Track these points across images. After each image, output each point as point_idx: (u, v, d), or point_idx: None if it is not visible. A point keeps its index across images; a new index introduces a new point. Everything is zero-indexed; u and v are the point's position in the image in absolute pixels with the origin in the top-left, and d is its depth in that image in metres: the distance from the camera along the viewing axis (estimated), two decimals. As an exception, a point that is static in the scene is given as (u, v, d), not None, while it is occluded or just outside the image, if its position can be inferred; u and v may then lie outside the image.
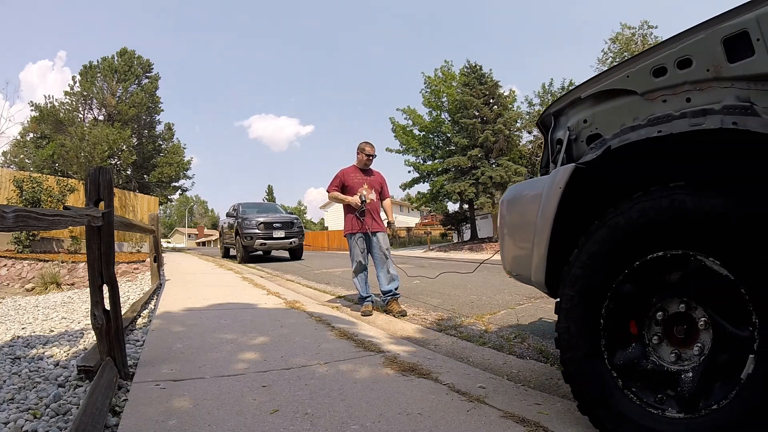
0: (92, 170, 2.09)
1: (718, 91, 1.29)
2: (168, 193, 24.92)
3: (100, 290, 1.98)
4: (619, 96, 1.55)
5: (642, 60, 1.46)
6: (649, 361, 1.29)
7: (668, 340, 1.29)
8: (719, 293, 1.19)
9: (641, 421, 1.22)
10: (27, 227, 1.27)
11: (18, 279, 7.84)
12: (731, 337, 1.15)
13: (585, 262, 1.37)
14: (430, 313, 3.82)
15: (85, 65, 21.86)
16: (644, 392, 1.27)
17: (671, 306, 1.30)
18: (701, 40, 1.31)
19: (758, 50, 1.20)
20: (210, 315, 3.54)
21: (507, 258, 1.83)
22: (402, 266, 8.25)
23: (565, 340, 1.40)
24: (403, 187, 21.42)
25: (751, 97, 1.22)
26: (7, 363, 2.46)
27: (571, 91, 1.74)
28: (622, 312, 1.34)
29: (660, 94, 1.42)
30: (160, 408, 1.62)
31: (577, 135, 1.69)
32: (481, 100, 17.93)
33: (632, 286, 1.33)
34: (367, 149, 4.13)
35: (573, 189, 1.43)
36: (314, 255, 14.65)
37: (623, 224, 1.30)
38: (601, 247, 1.34)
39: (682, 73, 1.36)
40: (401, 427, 1.45)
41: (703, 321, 1.22)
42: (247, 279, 6.38)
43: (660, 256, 1.28)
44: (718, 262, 1.18)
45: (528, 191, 1.69)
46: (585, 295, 1.37)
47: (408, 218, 40.82)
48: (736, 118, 1.13)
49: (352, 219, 4.00)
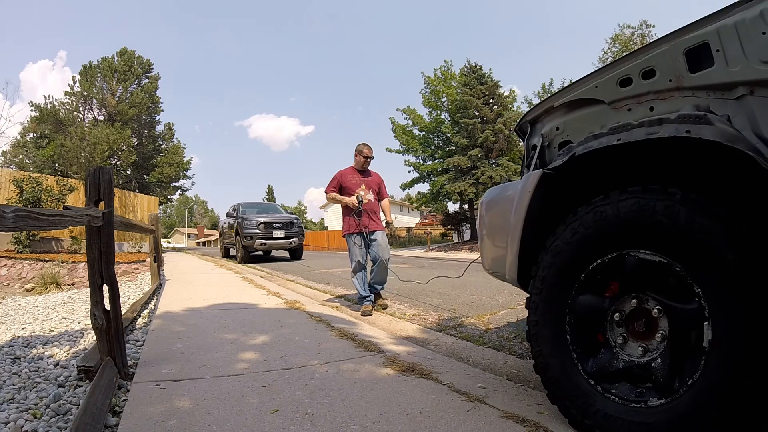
0: (92, 170, 2.09)
1: (680, 100, 1.36)
2: (168, 193, 24.91)
3: (100, 290, 1.98)
4: (588, 105, 1.62)
5: (609, 71, 1.53)
6: (620, 361, 1.36)
7: (632, 336, 1.37)
8: (660, 278, 1.29)
9: (629, 418, 1.27)
10: (27, 227, 1.27)
11: (18, 279, 7.84)
12: (684, 313, 1.23)
13: (550, 261, 1.47)
14: (430, 313, 3.82)
15: (85, 65, 21.86)
16: (624, 391, 1.33)
17: (625, 305, 1.38)
18: (665, 51, 1.38)
19: (717, 61, 1.26)
20: (210, 315, 3.54)
21: (486, 257, 1.93)
22: (402, 266, 8.24)
23: (535, 333, 1.52)
24: (403, 187, 21.40)
25: (710, 106, 1.28)
26: (7, 363, 2.46)
27: (546, 100, 1.83)
28: (586, 321, 1.43)
29: (625, 104, 1.49)
30: (160, 408, 1.62)
31: (550, 141, 1.78)
32: (481, 100, 17.92)
33: (589, 291, 1.44)
34: (364, 151, 4.20)
35: (544, 192, 1.53)
36: (314, 255, 14.66)
37: (580, 228, 1.42)
38: (565, 247, 1.44)
39: (646, 83, 1.43)
40: (401, 427, 1.45)
41: (657, 309, 1.30)
42: (247, 279, 6.38)
43: (609, 259, 1.39)
44: (649, 251, 1.29)
45: (503, 194, 1.79)
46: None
47: (408, 218, 40.82)
48: (690, 127, 1.20)
49: (350, 219, 4.06)
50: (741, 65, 1.22)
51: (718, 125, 1.18)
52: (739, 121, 1.22)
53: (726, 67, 1.25)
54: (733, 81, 1.24)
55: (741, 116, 1.22)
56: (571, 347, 1.43)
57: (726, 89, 1.26)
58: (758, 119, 1.18)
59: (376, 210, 4.20)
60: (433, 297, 4.61)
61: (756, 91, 1.20)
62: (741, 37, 1.22)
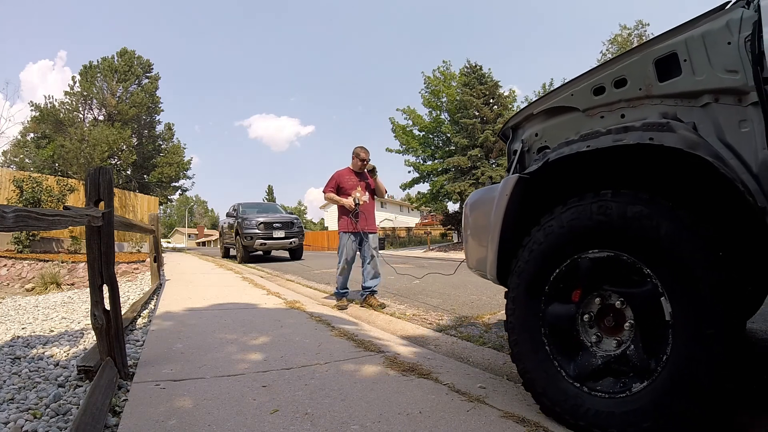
0: (92, 170, 2.09)
1: (649, 107, 1.42)
2: (168, 193, 24.91)
3: (100, 290, 1.98)
4: (565, 112, 1.69)
5: (584, 80, 1.60)
6: (598, 358, 1.42)
7: (605, 333, 1.44)
8: (613, 271, 1.40)
9: (618, 409, 1.30)
10: (27, 227, 1.27)
11: (18, 279, 7.84)
12: (642, 295, 1.32)
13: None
14: (430, 313, 3.82)
15: (85, 65, 21.86)
16: (608, 385, 1.38)
17: (592, 306, 1.47)
18: (636, 61, 1.44)
19: (685, 70, 1.32)
20: (210, 315, 3.54)
21: (470, 256, 2.03)
22: (402, 266, 8.24)
23: (517, 352, 1.61)
24: (403, 187, 21.41)
25: (678, 113, 1.34)
26: (7, 363, 2.46)
27: (526, 107, 1.91)
28: (560, 329, 1.51)
29: (599, 111, 1.56)
30: (160, 408, 1.62)
31: (530, 147, 1.86)
32: (481, 100, 17.92)
33: (556, 300, 1.52)
34: (361, 154, 4.37)
35: (522, 195, 1.63)
36: (314, 255, 14.66)
37: (534, 246, 1.53)
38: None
39: (618, 92, 1.49)
40: (401, 427, 1.45)
41: (620, 301, 1.39)
42: (247, 279, 6.38)
43: (566, 266, 1.48)
44: (597, 250, 1.41)
45: (486, 196, 1.87)
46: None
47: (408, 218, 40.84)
48: (654, 134, 1.27)
49: (347, 219, 4.26)
50: (707, 74, 1.27)
51: (680, 132, 1.24)
52: (705, 127, 1.27)
53: (693, 76, 1.30)
54: (699, 89, 1.29)
55: (706, 123, 1.27)
56: (552, 357, 1.49)
57: (692, 97, 1.31)
58: (722, 126, 1.23)
59: (371, 211, 4.42)
60: (433, 297, 4.61)
61: (720, 98, 1.25)
62: (707, 47, 1.27)
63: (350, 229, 4.22)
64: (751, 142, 1.17)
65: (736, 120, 1.21)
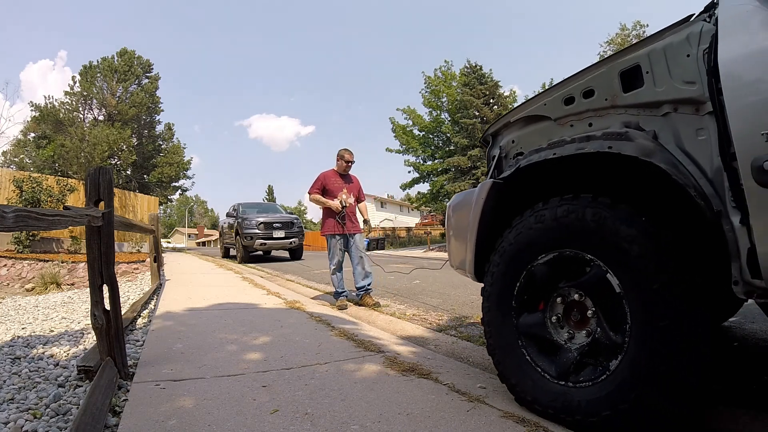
0: (92, 170, 2.08)
1: (614, 117, 1.49)
2: (168, 193, 24.90)
3: (100, 290, 1.98)
4: (539, 121, 1.78)
5: (556, 90, 1.69)
6: (574, 352, 1.48)
7: (574, 328, 1.52)
8: (563, 267, 1.51)
9: (603, 392, 1.34)
10: (27, 227, 1.27)
11: (18, 279, 7.84)
12: (590, 279, 1.43)
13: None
14: (430, 313, 3.82)
15: (85, 65, 21.86)
16: (589, 373, 1.43)
17: (556, 308, 1.56)
18: (603, 73, 1.52)
19: (647, 81, 1.39)
20: (210, 315, 3.54)
21: (452, 255, 2.14)
22: (402, 266, 8.24)
23: (502, 372, 1.68)
24: (403, 187, 21.44)
25: (640, 122, 1.42)
26: (7, 363, 2.46)
27: (504, 116, 2.00)
28: (534, 336, 1.59)
29: (569, 120, 1.65)
30: (160, 408, 1.62)
31: (507, 153, 1.95)
32: (481, 100, 17.93)
33: (525, 311, 1.62)
34: (346, 156, 4.46)
35: (497, 198, 1.75)
36: (314, 255, 14.65)
37: (495, 269, 1.66)
38: (491, 289, 1.67)
39: (586, 102, 1.57)
40: (401, 427, 1.45)
41: (578, 294, 1.50)
42: (247, 279, 6.38)
43: (524, 278, 1.59)
44: (544, 254, 1.53)
45: (466, 199, 1.98)
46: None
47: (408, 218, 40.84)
48: (612, 143, 1.35)
49: (333, 221, 4.34)
50: (667, 85, 1.34)
51: (637, 141, 1.32)
52: (665, 135, 1.34)
53: (654, 87, 1.37)
54: (659, 100, 1.36)
55: (666, 131, 1.34)
56: (534, 364, 1.55)
57: (654, 107, 1.38)
58: (681, 134, 1.31)
59: (355, 212, 4.53)
60: (433, 297, 4.61)
61: (679, 108, 1.32)
62: (668, 60, 1.34)
63: (336, 231, 4.31)
64: (707, 149, 1.24)
65: (694, 128, 1.28)
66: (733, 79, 1.15)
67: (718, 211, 1.19)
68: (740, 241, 1.14)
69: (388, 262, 9.93)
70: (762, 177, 1.07)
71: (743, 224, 1.13)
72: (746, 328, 2.66)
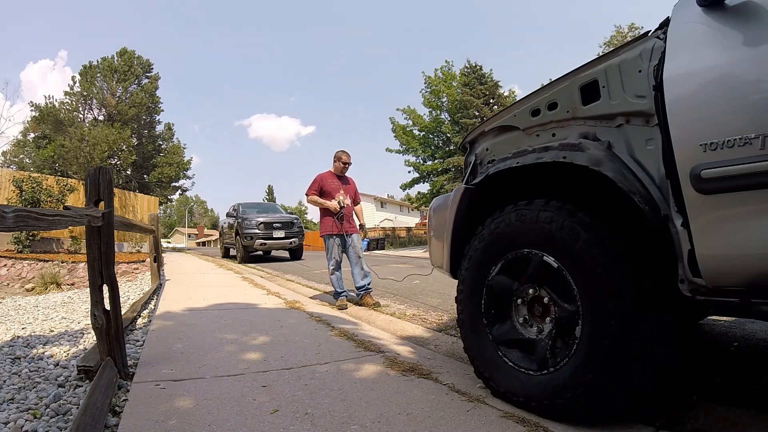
0: (92, 170, 2.08)
1: (575, 127, 1.59)
2: (168, 193, 24.90)
3: (100, 290, 1.98)
4: (510, 130, 1.89)
5: (525, 103, 1.81)
6: (546, 343, 1.56)
7: (538, 321, 1.64)
8: (519, 269, 1.66)
9: (579, 361, 1.42)
10: (27, 227, 1.27)
11: (18, 279, 7.84)
12: (543, 272, 1.58)
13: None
14: (430, 313, 3.82)
15: (85, 65, 21.86)
16: (559, 351, 1.53)
17: (521, 310, 1.69)
18: (565, 87, 1.62)
19: (603, 95, 1.48)
20: (210, 315, 3.54)
21: (432, 254, 2.28)
22: (402, 266, 8.25)
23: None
24: (403, 187, 21.45)
25: (597, 133, 1.51)
26: (7, 363, 2.45)
27: (480, 125, 2.12)
28: (509, 340, 1.71)
29: (535, 130, 1.76)
30: (160, 408, 1.62)
31: (482, 160, 2.06)
32: (481, 100, 17.94)
33: (499, 322, 1.76)
34: (343, 158, 4.51)
35: (470, 202, 1.91)
36: (314, 255, 14.64)
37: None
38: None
39: (550, 114, 1.68)
40: (401, 427, 1.45)
41: (532, 289, 1.65)
42: (247, 279, 6.38)
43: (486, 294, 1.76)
44: (502, 267, 1.70)
45: (444, 202, 2.12)
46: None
47: (408, 218, 40.82)
48: (567, 153, 1.48)
49: (331, 222, 4.37)
50: (620, 99, 1.43)
51: (588, 151, 1.44)
52: (618, 145, 1.44)
53: (609, 101, 1.47)
54: (614, 112, 1.45)
55: (620, 142, 1.44)
56: (516, 367, 1.63)
57: (609, 119, 1.48)
58: (633, 144, 1.40)
59: (352, 213, 4.56)
60: (433, 297, 4.61)
61: (631, 120, 1.41)
62: (622, 75, 1.43)
63: (334, 231, 4.34)
64: (655, 158, 1.33)
65: (644, 139, 1.37)
66: (676, 94, 1.24)
67: (666, 215, 1.28)
68: (682, 243, 1.23)
69: (388, 262, 9.94)
70: (699, 184, 1.17)
71: (684, 227, 1.22)
72: (746, 328, 2.66)
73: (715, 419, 1.53)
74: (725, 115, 1.15)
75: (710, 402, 1.61)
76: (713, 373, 1.93)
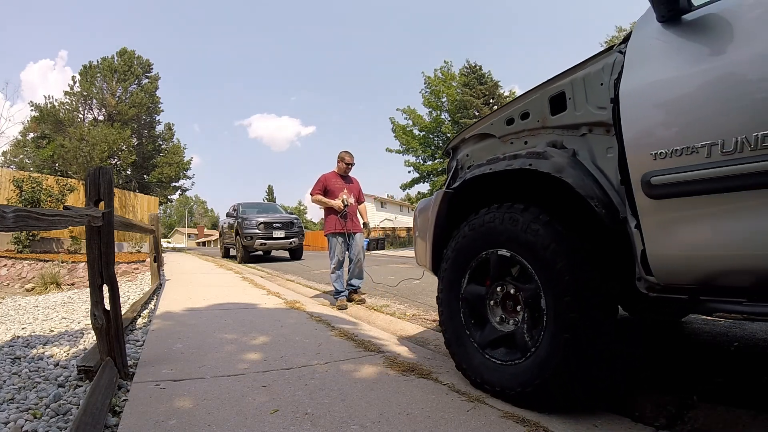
0: (92, 170, 2.08)
1: (544, 136, 1.69)
2: (168, 193, 24.90)
3: (100, 290, 1.98)
4: (487, 138, 2.01)
5: (501, 112, 1.92)
6: (525, 335, 1.64)
7: (510, 315, 1.74)
8: (484, 271, 1.80)
9: (553, 329, 1.50)
10: (27, 227, 1.27)
11: (18, 279, 7.84)
12: (519, 279, 1.68)
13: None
14: (430, 313, 3.81)
15: (85, 65, 21.87)
16: (535, 330, 1.60)
17: (495, 310, 1.80)
18: (536, 98, 1.72)
19: (569, 106, 1.58)
20: (210, 315, 3.54)
21: (417, 253, 2.42)
22: (402, 266, 8.25)
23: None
24: (403, 188, 21.47)
25: (564, 142, 1.60)
26: (7, 363, 2.45)
27: (461, 132, 2.24)
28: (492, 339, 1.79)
29: (509, 138, 1.86)
30: (160, 408, 1.62)
31: (462, 165, 2.17)
32: (481, 101, 17.95)
33: (480, 325, 1.86)
34: (346, 158, 4.59)
35: (449, 204, 2.04)
36: (314, 255, 14.64)
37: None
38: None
39: (522, 123, 1.78)
40: (401, 427, 1.45)
41: (499, 288, 1.77)
42: (247, 279, 6.38)
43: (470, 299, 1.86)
44: (470, 278, 1.85)
45: (427, 205, 2.24)
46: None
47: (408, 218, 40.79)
48: (533, 161, 1.59)
49: (335, 220, 4.44)
50: (584, 110, 1.52)
51: (552, 159, 1.53)
52: (583, 153, 1.53)
53: (574, 111, 1.56)
54: (578, 122, 1.55)
55: (584, 150, 1.53)
56: (504, 362, 1.69)
57: (574, 128, 1.57)
58: (595, 152, 1.50)
59: (356, 213, 4.64)
60: (433, 297, 4.58)
61: (593, 130, 1.50)
62: (586, 87, 1.51)
63: (338, 229, 4.40)
64: (614, 165, 1.40)
65: (605, 147, 1.46)
66: (629, 105, 1.32)
67: (624, 218, 1.35)
68: (636, 244, 1.32)
69: (387, 262, 9.94)
70: (649, 190, 1.24)
71: (637, 229, 1.30)
72: (746, 328, 2.66)
73: (715, 419, 1.53)
74: (674, 126, 1.22)
75: (710, 402, 1.61)
76: (713, 373, 1.93)
